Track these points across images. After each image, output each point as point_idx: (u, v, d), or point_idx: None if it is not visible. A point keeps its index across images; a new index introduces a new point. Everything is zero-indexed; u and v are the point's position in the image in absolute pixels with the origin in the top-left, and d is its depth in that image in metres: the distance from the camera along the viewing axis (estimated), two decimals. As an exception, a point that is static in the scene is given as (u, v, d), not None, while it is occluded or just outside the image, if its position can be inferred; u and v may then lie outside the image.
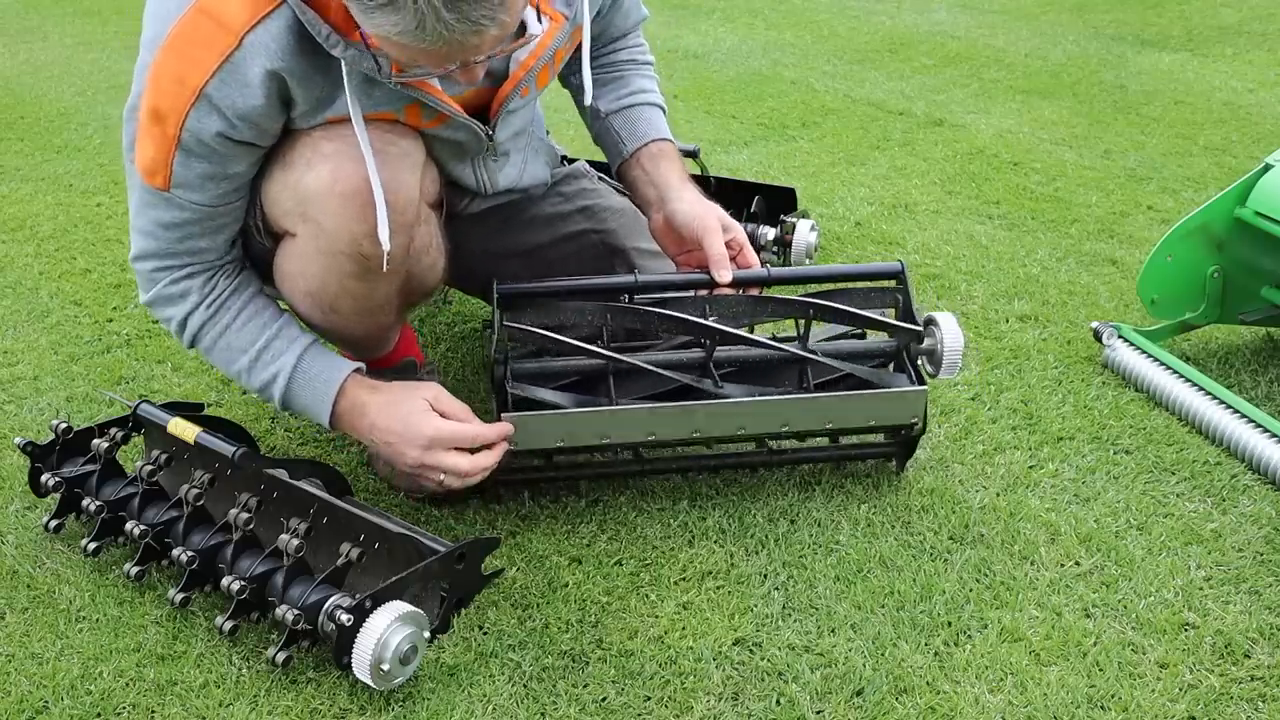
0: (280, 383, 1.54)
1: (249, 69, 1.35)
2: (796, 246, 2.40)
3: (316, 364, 1.54)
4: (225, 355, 1.56)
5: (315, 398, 1.54)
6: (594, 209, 1.87)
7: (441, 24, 1.19)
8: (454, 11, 1.18)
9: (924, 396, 1.61)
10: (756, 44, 4.58)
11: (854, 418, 1.62)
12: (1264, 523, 1.64)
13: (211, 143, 1.40)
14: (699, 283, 1.64)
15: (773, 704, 1.34)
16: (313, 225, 1.49)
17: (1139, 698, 1.34)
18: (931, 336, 1.63)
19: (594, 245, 1.84)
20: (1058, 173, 3.05)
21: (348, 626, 1.30)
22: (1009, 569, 1.55)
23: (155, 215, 1.48)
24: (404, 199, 1.49)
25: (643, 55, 1.85)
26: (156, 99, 1.38)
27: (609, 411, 1.55)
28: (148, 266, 1.53)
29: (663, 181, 1.71)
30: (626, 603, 1.50)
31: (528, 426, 1.54)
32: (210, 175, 1.44)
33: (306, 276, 1.55)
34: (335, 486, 1.57)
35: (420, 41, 1.21)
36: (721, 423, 1.58)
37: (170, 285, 1.53)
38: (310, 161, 1.46)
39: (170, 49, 1.36)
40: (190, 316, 1.54)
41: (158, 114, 1.39)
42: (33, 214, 2.80)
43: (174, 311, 1.55)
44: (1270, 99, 3.73)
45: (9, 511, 1.66)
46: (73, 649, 1.42)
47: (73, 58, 4.37)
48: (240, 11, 1.34)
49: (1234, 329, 2.16)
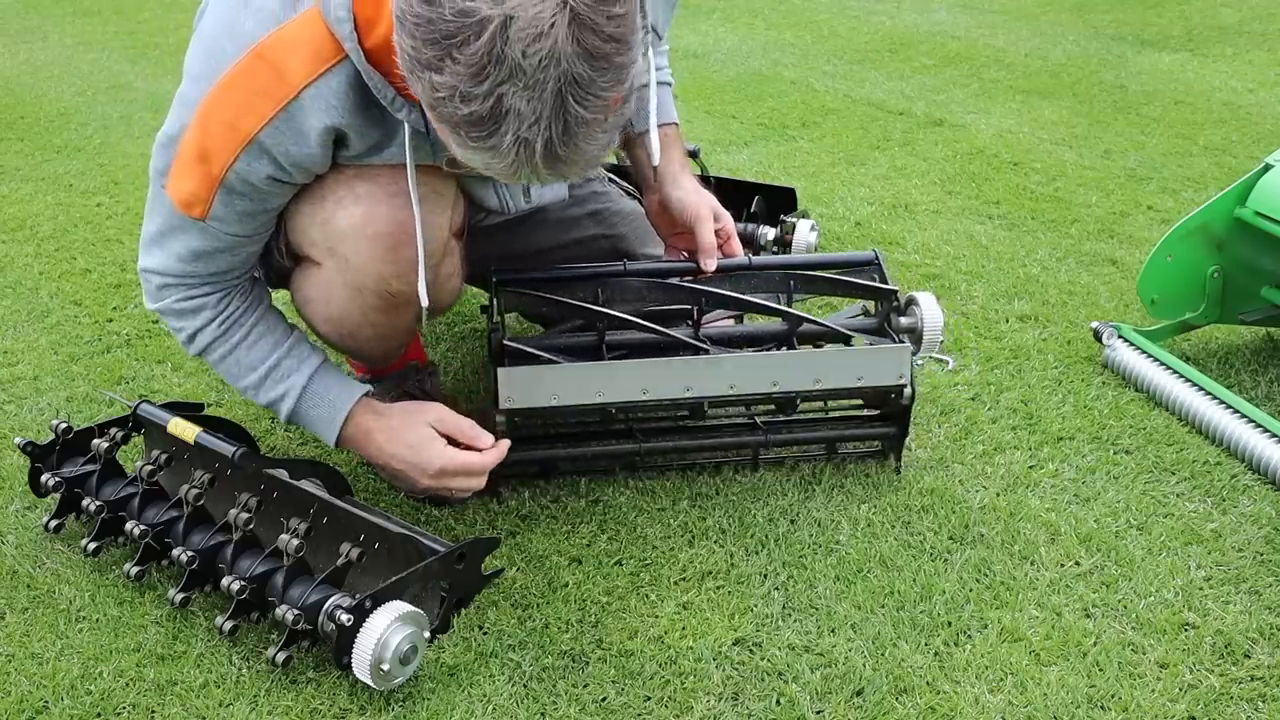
0: (288, 402, 1.56)
1: (306, 121, 1.34)
2: (796, 246, 2.40)
3: (325, 387, 1.56)
4: (234, 370, 1.57)
5: (322, 421, 1.56)
6: (604, 214, 1.88)
7: (532, 171, 1.17)
8: (550, 167, 1.16)
9: (907, 353, 1.65)
10: (756, 44, 4.58)
11: (841, 375, 1.65)
12: (1264, 523, 1.64)
13: (259, 184, 1.39)
14: (686, 270, 1.72)
15: (773, 704, 1.34)
16: (340, 260, 1.50)
17: (1139, 698, 1.34)
18: (911, 315, 1.70)
19: (603, 250, 1.85)
20: (1058, 173, 3.05)
21: (348, 626, 1.30)
22: (1009, 569, 1.55)
23: (185, 241, 1.47)
24: (435, 242, 1.51)
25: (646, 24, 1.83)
26: (205, 140, 1.37)
27: (602, 365, 1.60)
28: (159, 281, 1.53)
29: (662, 165, 1.72)
30: (626, 603, 1.50)
31: (523, 380, 1.56)
32: (250, 211, 1.44)
33: (329, 304, 1.57)
34: (335, 486, 1.57)
35: (505, 176, 1.21)
36: (712, 379, 1.61)
37: (183, 301, 1.53)
38: (342, 200, 1.46)
39: (225, 91, 1.35)
40: (201, 332, 1.55)
41: (204, 155, 1.37)
42: (33, 214, 2.80)
43: (184, 324, 1.55)
44: (1270, 99, 3.73)
45: (9, 511, 1.66)
46: (73, 649, 1.42)
47: (73, 58, 4.37)
48: (302, 64, 1.32)
49: (1234, 329, 2.16)
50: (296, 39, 1.32)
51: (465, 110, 1.11)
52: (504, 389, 1.56)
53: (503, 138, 1.12)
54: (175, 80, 1.44)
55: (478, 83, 1.09)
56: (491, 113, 1.11)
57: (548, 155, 1.13)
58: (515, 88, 1.09)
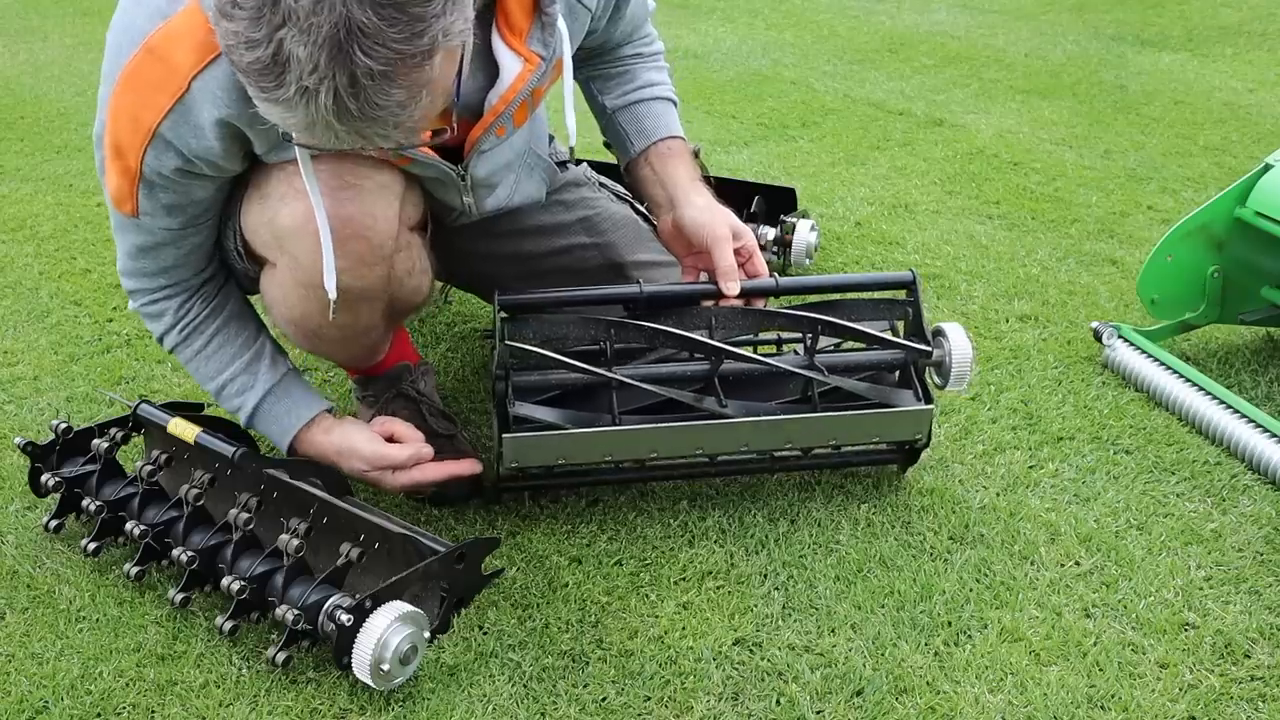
0: (243, 416, 1.61)
1: (199, 114, 1.34)
2: (796, 246, 2.40)
3: (277, 408, 1.59)
4: (199, 374, 1.62)
5: (274, 436, 1.61)
6: (593, 220, 1.82)
7: (331, 133, 1.16)
8: (346, 123, 1.14)
9: (930, 414, 1.60)
10: (756, 44, 4.58)
11: (859, 435, 1.62)
12: (1264, 523, 1.64)
13: (172, 176, 1.40)
14: (706, 294, 1.61)
15: (773, 704, 1.34)
16: (289, 258, 1.49)
17: (1139, 698, 1.34)
18: (940, 348, 1.61)
19: (592, 259, 1.80)
20: (1058, 173, 3.05)
21: (348, 626, 1.30)
22: (1009, 569, 1.55)
23: (129, 239, 1.51)
24: (382, 232, 1.48)
25: (649, 46, 1.77)
26: (116, 135, 1.39)
27: (611, 432, 1.54)
28: (125, 285, 1.58)
29: (672, 183, 1.67)
30: (626, 603, 1.50)
31: (528, 445, 1.53)
32: (174, 204, 1.45)
33: (289, 305, 1.56)
34: (335, 486, 1.57)
35: (311, 140, 1.19)
36: (725, 440, 1.58)
37: (148, 305, 1.58)
38: (284, 196, 1.45)
39: (125, 87, 1.36)
40: (166, 336, 1.60)
41: (119, 150, 1.39)
42: (33, 214, 2.80)
43: (153, 326, 1.61)
44: (1270, 99, 3.73)
45: (9, 511, 1.66)
46: (73, 649, 1.42)
47: (73, 58, 4.37)
48: (188, 55, 1.31)
49: (1234, 329, 2.16)
50: (180, 31, 1.32)
51: (250, 57, 1.11)
52: (508, 454, 1.53)
53: (287, 87, 1.11)
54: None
55: (257, 27, 1.09)
56: (274, 59, 1.10)
57: (338, 109, 1.11)
58: (292, 32, 1.08)
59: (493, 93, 1.48)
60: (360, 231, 1.45)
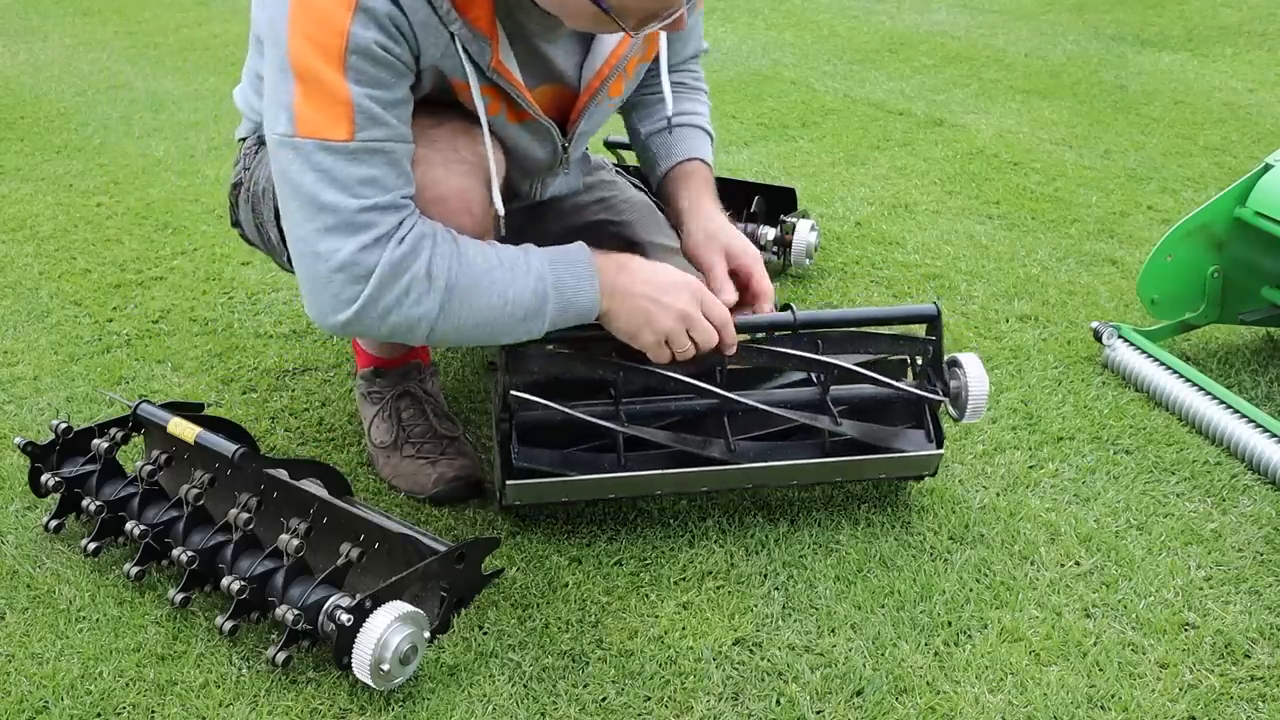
0: (548, 277, 1.43)
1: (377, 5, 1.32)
2: (796, 246, 2.40)
3: (555, 251, 1.46)
4: (474, 278, 1.40)
5: (577, 275, 1.44)
6: (611, 200, 1.86)
7: None
8: None
9: (939, 458, 1.61)
10: (756, 44, 4.58)
11: (867, 475, 1.65)
12: (1264, 523, 1.64)
13: (376, 55, 1.32)
14: None
15: (773, 704, 1.34)
16: None
17: (1139, 698, 1.34)
18: (956, 379, 1.61)
19: (611, 236, 1.81)
20: (1058, 173, 3.05)
21: (348, 626, 1.30)
22: (1009, 569, 1.55)
23: (350, 172, 1.34)
24: (480, 212, 1.48)
25: (694, 81, 1.83)
26: (307, 45, 1.32)
27: (617, 478, 1.55)
28: (353, 247, 1.35)
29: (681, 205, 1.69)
30: (626, 603, 1.50)
31: (531, 490, 1.55)
32: (386, 101, 1.35)
33: None
34: (335, 486, 1.57)
35: None
36: (731, 482, 1.60)
37: (395, 248, 1.35)
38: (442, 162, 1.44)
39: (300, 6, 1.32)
40: (434, 259, 1.37)
41: (316, 61, 1.31)
42: (33, 214, 2.80)
43: (415, 266, 1.36)
44: (1270, 99, 3.73)
45: (9, 511, 1.66)
46: (73, 649, 1.42)
47: (73, 58, 4.37)
48: None
49: (1234, 329, 2.16)
50: None
51: None
52: (511, 497, 1.55)
53: None
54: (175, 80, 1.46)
55: None
56: None
57: None
58: None
59: (588, 64, 1.53)
60: (469, 206, 1.46)
